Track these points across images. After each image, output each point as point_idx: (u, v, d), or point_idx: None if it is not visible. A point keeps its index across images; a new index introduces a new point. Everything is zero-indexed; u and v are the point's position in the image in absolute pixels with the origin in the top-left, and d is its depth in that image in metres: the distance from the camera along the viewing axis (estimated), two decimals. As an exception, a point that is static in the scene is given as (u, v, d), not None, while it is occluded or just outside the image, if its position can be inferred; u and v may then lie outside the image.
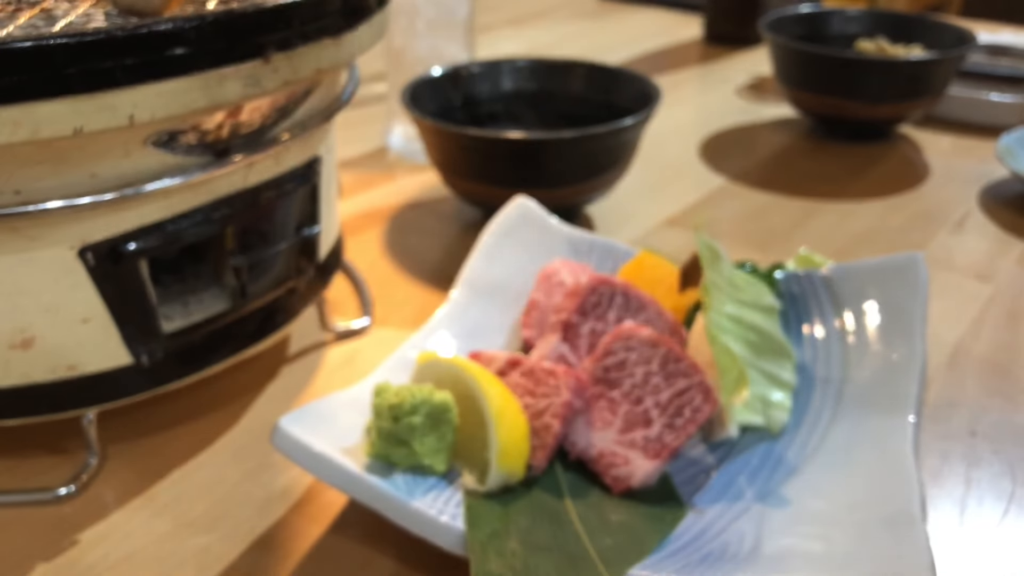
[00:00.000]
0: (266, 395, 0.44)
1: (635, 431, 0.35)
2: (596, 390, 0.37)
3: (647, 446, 0.35)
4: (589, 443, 0.36)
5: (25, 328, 0.34)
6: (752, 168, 0.70)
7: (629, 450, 0.35)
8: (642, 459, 0.35)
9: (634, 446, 0.35)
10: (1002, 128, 0.73)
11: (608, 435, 0.36)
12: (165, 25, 0.31)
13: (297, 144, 0.40)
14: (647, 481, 0.35)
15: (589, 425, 0.36)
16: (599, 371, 0.37)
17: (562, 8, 1.19)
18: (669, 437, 0.35)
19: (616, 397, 0.36)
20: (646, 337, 0.37)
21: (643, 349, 0.36)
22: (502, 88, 0.64)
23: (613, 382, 0.36)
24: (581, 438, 0.36)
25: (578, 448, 0.36)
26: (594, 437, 0.36)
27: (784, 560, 0.31)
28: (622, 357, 0.36)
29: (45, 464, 0.39)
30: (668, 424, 0.35)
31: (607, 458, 0.35)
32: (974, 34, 0.72)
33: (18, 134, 0.29)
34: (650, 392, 0.36)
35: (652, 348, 0.36)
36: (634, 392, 0.36)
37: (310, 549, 0.35)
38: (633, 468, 0.35)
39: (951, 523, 0.36)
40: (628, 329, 0.37)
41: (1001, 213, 0.63)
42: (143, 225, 0.35)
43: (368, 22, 0.39)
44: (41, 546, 0.35)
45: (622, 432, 0.35)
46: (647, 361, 0.36)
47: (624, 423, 0.36)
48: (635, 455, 0.35)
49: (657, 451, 0.35)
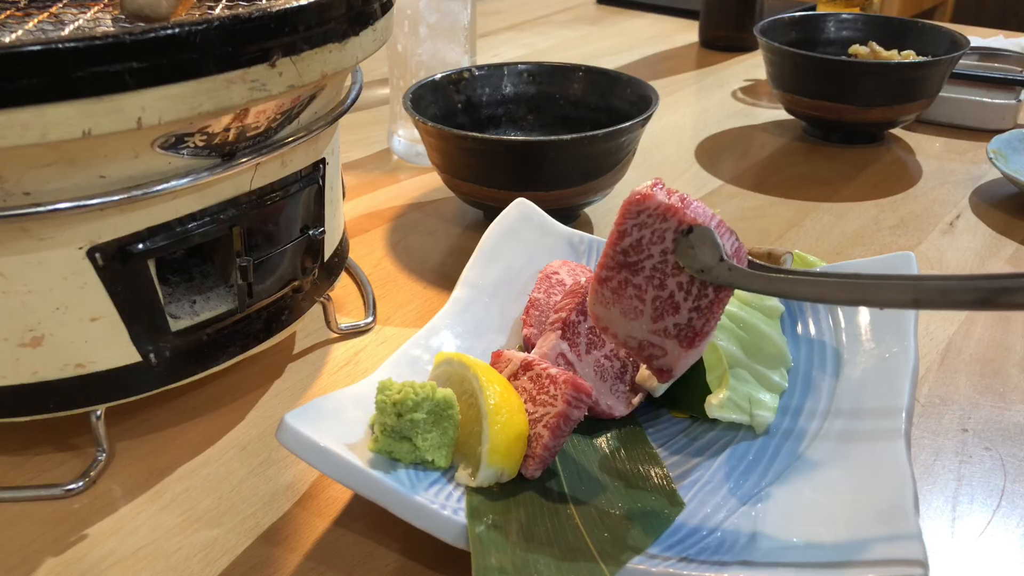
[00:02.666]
0: (272, 392, 0.44)
1: (666, 318, 0.35)
2: (620, 277, 0.35)
3: (680, 334, 0.35)
4: (628, 334, 0.35)
5: (35, 326, 0.35)
6: (747, 170, 0.71)
7: (665, 339, 0.35)
8: (678, 348, 0.35)
9: (668, 335, 0.35)
10: (993, 131, 0.74)
11: (642, 325, 0.35)
12: (172, 30, 0.31)
13: (303, 147, 0.40)
14: (686, 367, 0.36)
15: (624, 315, 0.35)
16: (617, 257, 0.35)
17: (562, 14, 1.20)
18: (699, 322, 0.34)
19: (640, 283, 0.35)
20: (656, 207, 0.34)
21: (655, 224, 0.34)
22: (503, 92, 0.65)
23: (634, 266, 0.35)
24: (620, 328, 0.36)
25: (619, 339, 0.36)
26: (631, 327, 0.35)
27: (779, 554, 0.31)
28: (636, 237, 0.35)
29: (54, 460, 0.40)
30: (695, 308, 0.34)
31: (647, 349, 0.35)
32: (967, 39, 0.73)
33: (28, 136, 0.30)
34: (671, 272, 0.34)
35: (663, 221, 0.34)
36: (656, 275, 0.35)
37: (315, 543, 0.35)
38: (671, 359, 0.35)
39: (943, 518, 0.37)
40: (637, 200, 0.34)
41: (992, 214, 0.64)
42: (151, 226, 0.35)
43: (372, 27, 0.40)
44: (50, 540, 0.35)
45: (655, 320, 0.35)
46: (661, 238, 0.34)
47: (654, 311, 0.35)
48: (671, 344, 0.35)
49: (691, 339, 0.35)
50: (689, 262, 0.34)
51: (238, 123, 0.36)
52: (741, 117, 0.82)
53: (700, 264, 0.34)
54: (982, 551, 0.35)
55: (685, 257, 0.34)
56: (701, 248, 0.34)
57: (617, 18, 1.18)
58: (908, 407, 0.36)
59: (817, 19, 0.82)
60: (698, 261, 0.34)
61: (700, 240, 0.33)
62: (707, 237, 0.33)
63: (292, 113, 0.39)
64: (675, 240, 0.34)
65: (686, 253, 0.34)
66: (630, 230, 0.34)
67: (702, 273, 0.34)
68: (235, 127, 0.36)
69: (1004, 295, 0.27)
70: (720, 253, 0.33)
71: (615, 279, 0.35)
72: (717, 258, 0.33)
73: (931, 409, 0.43)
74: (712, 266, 0.34)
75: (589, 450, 0.38)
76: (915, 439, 0.41)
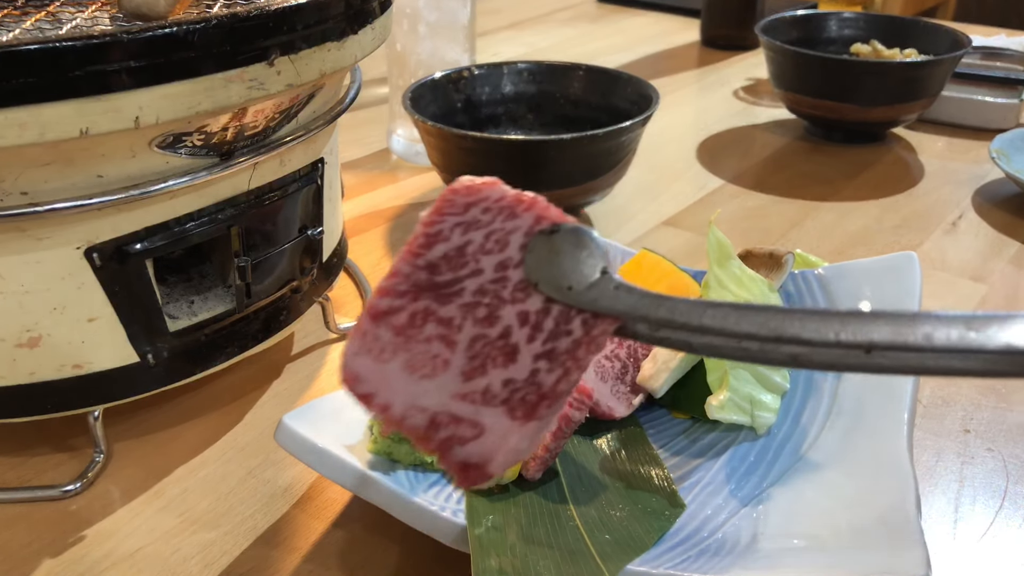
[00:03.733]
0: (270, 393, 0.44)
1: (490, 372, 0.22)
2: (416, 307, 0.23)
3: (513, 398, 0.22)
4: (412, 403, 0.22)
5: (32, 327, 0.35)
6: (749, 170, 0.71)
7: (483, 408, 0.22)
8: (506, 421, 0.22)
9: (490, 400, 0.22)
10: (996, 130, 0.74)
11: (443, 386, 0.22)
12: (170, 29, 0.31)
13: (301, 146, 0.40)
14: (516, 459, 0.22)
15: (410, 370, 0.22)
16: (417, 276, 0.23)
17: (562, 12, 1.20)
18: (550, 378, 0.22)
19: (452, 316, 0.23)
20: (500, 198, 0.23)
21: (495, 222, 0.23)
22: (502, 91, 0.65)
23: (444, 289, 0.23)
24: (397, 394, 0.22)
25: (391, 413, 0.23)
26: (420, 392, 0.22)
27: (780, 556, 0.31)
28: (458, 243, 0.23)
29: (52, 461, 0.39)
30: (545, 353, 0.22)
31: (444, 428, 0.22)
32: (969, 38, 0.73)
33: (25, 136, 0.30)
34: (511, 297, 0.22)
35: (510, 218, 0.23)
36: (482, 303, 0.23)
37: (313, 545, 0.35)
38: (490, 442, 0.22)
39: (945, 520, 0.37)
40: (466, 189, 0.24)
41: (994, 214, 0.63)
42: (149, 226, 0.35)
43: (371, 26, 0.40)
44: (48, 542, 0.35)
45: (468, 377, 0.22)
46: (502, 244, 0.23)
47: (469, 360, 0.22)
48: (494, 417, 0.22)
49: (532, 405, 0.21)
50: (549, 277, 0.23)
51: (236, 122, 0.36)
52: (742, 116, 0.82)
53: (568, 280, 0.22)
54: (984, 553, 0.35)
55: (542, 270, 0.23)
56: (572, 255, 0.23)
57: (617, 16, 1.18)
58: (910, 408, 0.36)
59: (819, 18, 0.82)
60: (565, 275, 0.22)
61: (571, 242, 0.23)
62: (582, 238, 0.23)
63: (290, 112, 0.39)
64: (525, 247, 0.23)
65: (545, 263, 0.23)
66: (448, 232, 0.23)
67: (569, 294, 0.22)
68: (233, 126, 0.36)
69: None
70: (604, 262, 0.23)
71: (406, 311, 0.23)
72: (598, 269, 0.23)
73: (933, 410, 0.43)
74: (588, 283, 0.22)
75: (589, 451, 0.38)
76: (917, 440, 0.40)
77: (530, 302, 0.23)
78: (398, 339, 0.23)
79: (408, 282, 0.23)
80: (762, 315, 0.21)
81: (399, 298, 0.23)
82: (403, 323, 0.23)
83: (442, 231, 0.23)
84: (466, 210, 0.23)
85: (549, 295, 0.23)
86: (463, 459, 0.23)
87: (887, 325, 0.19)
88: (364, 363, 0.23)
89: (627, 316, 0.22)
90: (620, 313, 0.22)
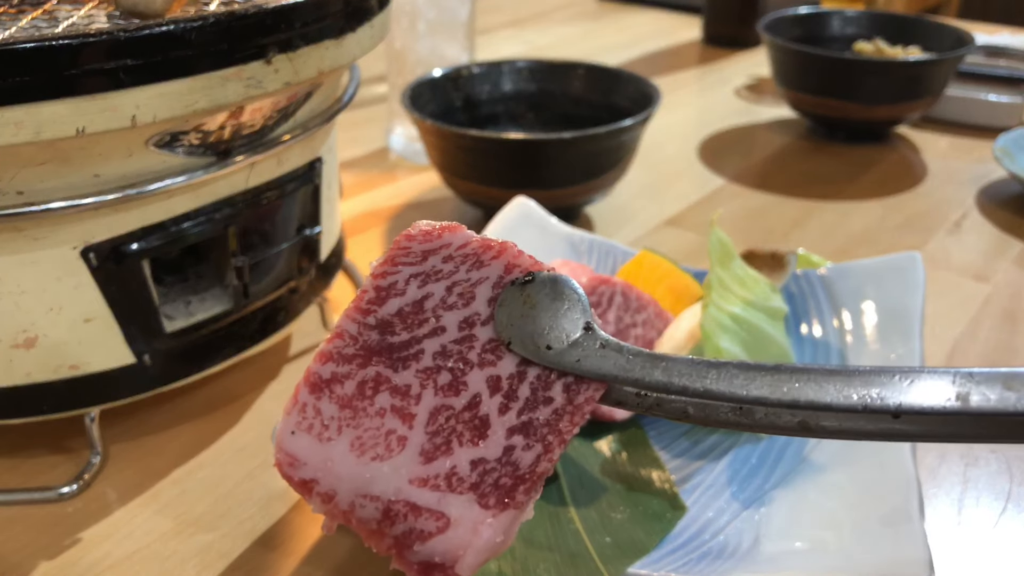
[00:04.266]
0: (268, 394, 0.44)
1: (455, 452, 0.19)
2: (365, 374, 0.20)
3: (484, 482, 0.19)
4: (361, 491, 0.19)
5: (28, 327, 0.35)
6: (751, 169, 0.71)
7: (447, 496, 0.19)
8: (475, 511, 0.18)
9: (456, 485, 0.19)
10: (1000, 129, 0.74)
11: (398, 468, 0.19)
12: (167, 27, 0.31)
13: (299, 145, 0.40)
14: (490, 556, 0.19)
15: (358, 451, 0.19)
16: (367, 336, 0.20)
17: (562, 10, 1.19)
18: (528, 456, 0.19)
19: (408, 384, 0.19)
20: (464, 243, 0.20)
21: (459, 272, 0.20)
22: (502, 89, 0.65)
23: (399, 352, 0.20)
24: (342, 480, 0.19)
25: (334, 505, 0.19)
26: (370, 477, 0.19)
27: (782, 559, 0.31)
28: (415, 297, 0.20)
29: (48, 463, 0.39)
30: (522, 426, 0.19)
31: (401, 520, 0.19)
32: (972, 36, 0.72)
33: (21, 135, 0.29)
34: (480, 360, 0.19)
35: (475, 267, 0.20)
36: (444, 367, 0.19)
37: (312, 547, 0.35)
38: (457, 536, 0.18)
39: (949, 522, 0.36)
40: (425, 235, 0.21)
41: (998, 213, 0.63)
42: (146, 225, 0.35)
43: (369, 24, 0.39)
44: (44, 544, 0.35)
45: (429, 459, 0.19)
46: (467, 298, 0.20)
47: (431, 438, 0.19)
48: (460, 505, 0.19)
49: (507, 490, 0.18)
50: (523, 335, 0.20)
51: (233, 121, 0.35)
52: (744, 115, 0.82)
53: (547, 338, 0.20)
54: (988, 555, 0.35)
55: (516, 327, 0.20)
56: (550, 308, 0.20)
57: (618, 14, 1.17)
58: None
59: (822, 15, 0.81)
60: (543, 333, 0.20)
61: (548, 294, 0.20)
62: (561, 288, 0.20)
63: (288, 111, 0.39)
64: (495, 300, 0.20)
65: (519, 319, 0.20)
66: (403, 285, 0.20)
67: (548, 355, 0.19)
68: (230, 125, 0.36)
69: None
70: (587, 317, 0.20)
71: (353, 379, 0.20)
72: (581, 325, 0.20)
73: (937, 411, 0.43)
74: (570, 340, 0.20)
75: (590, 453, 0.38)
76: (920, 442, 0.40)
77: (502, 365, 0.19)
78: (344, 413, 0.19)
79: (356, 344, 0.20)
80: (774, 376, 0.18)
81: (345, 363, 0.20)
82: (350, 394, 0.20)
83: (396, 283, 0.20)
84: (424, 259, 0.20)
85: (524, 356, 0.20)
86: (425, 559, 0.19)
87: (916, 384, 0.17)
88: (303, 443, 0.20)
89: (616, 380, 0.19)
90: (608, 376, 0.19)
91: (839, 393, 0.18)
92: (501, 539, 0.19)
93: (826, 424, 0.19)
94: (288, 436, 0.20)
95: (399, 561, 0.20)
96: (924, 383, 0.17)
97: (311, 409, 0.20)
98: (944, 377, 0.17)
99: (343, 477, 0.19)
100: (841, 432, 0.19)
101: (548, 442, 0.19)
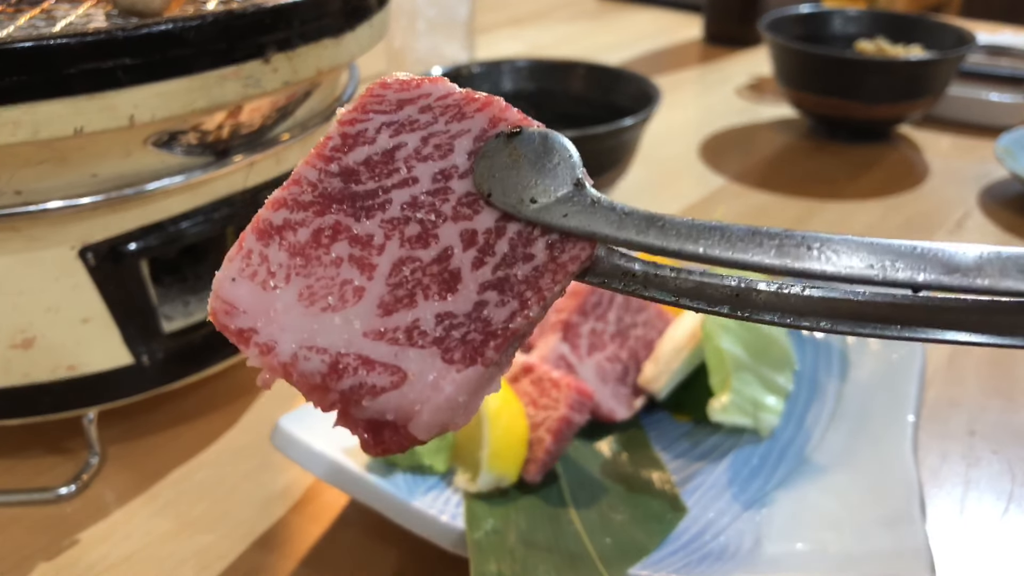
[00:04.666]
0: (266, 395, 0.44)
1: (420, 305, 0.18)
2: (324, 221, 0.18)
3: (449, 336, 0.17)
4: (308, 342, 0.18)
5: (26, 328, 0.34)
6: (752, 168, 0.70)
7: (407, 350, 0.17)
8: (440, 365, 0.17)
9: (416, 339, 0.17)
10: (1001, 128, 0.73)
11: (353, 320, 0.18)
12: (165, 26, 0.31)
13: (298, 144, 0.40)
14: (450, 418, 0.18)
15: (308, 300, 0.18)
16: (328, 183, 0.19)
17: (562, 8, 1.19)
18: (501, 313, 0.17)
19: (371, 233, 0.18)
20: (444, 95, 0.19)
21: (436, 123, 0.19)
22: (502, 88, 0.64)
23: (363, 201, 0.18)
24: (286, 330, 0.18)
25: (274, 356, 0.18)
26: (321, 327, 0.18)
27: (783, 560, 0.31)
28: (385, 146, 0.19)
29: (46, 464, 0.39)
30: (497, 282, 0.18)
31: (350, 374, 0.18)
32: (973, 34, 0.72)
33: (19, 134, 0.29)
34: (454, 213, 0.18)
35: (456, 118, 0.19)
36: (416, 217, 0.18)
37: (310, 548, 0.35)
38: (413, 393, 0.17)
39: (950, 522, 0.36)
40: (401, 85, 0.19)
41: (1000, 213, 0.63)
42: (144, 225, 0.35)
43: (368, 22, 0.39)
44: (42, 545, 0.35)
45: (388, 310, 0.18)
46: (443, 150, 0.19)
47: (393, 289, 0.18)
48: (420, 360, 0.17)
49: (476, 347, 0.17)
50: (506, 188, 0.18)
51: (232, 120, 0.35)
52: (745, 114, 0.82)
53: (532, 191, 0.18)
54: (990, 556, 0.35)
55: (497, 179, 0.18)
56: (537, 163, 0.18)
57: (619, 13, 1.17)
58: (915, 410, 0.36)
59: (823, 14, 0.81)
60: (527, 186, 0.18)
61: (536, 148, 0.19)
62: (551, 143, 0.19)
63: (287, 110, 0.38)
64: (475, 153, 0.18)
65: (501, 172, 0.18)
66: (373, 133, 0.19)
67: (532, 209, 0.18)
68: (229, 124, 0.35)
69: None
70: (578, 174, 0.19)
71: (308, 227, 0.18)
72: (571, 180, 0.18)
73: (938, 412, 0.43)
74: (558, 195, 0.18)
75: (590, 454, 0.37)
76: (922, 442, 0.40)
77: (479, 219, 0.18)
78: (295, 261, 0.18)
79: (314, 191, 0.18)
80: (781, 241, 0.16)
81: (300, 210, 0.18)
82: (303, 242, 0.18)
83: (366, 131, 0.18)
84: (399, 108, 0.19)
85: (505, 210, 0.18)
86: (375, 416, 0.17)
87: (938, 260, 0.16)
88: (244, 291, 0.18)
89: (607, 239, 0.18)
90: (598, 235, 0.17)
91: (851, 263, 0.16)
92: (464, 399, 0.17)
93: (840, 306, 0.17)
94: (227, 283, 0.19)
95: (344, 419, 0.18)
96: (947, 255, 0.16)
97: (257, 256, 0.19)
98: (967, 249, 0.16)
99: (286, 327, 0.18)
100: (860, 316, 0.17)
101: (525, 298, 0.18)
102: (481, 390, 0.18)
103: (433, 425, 0.17)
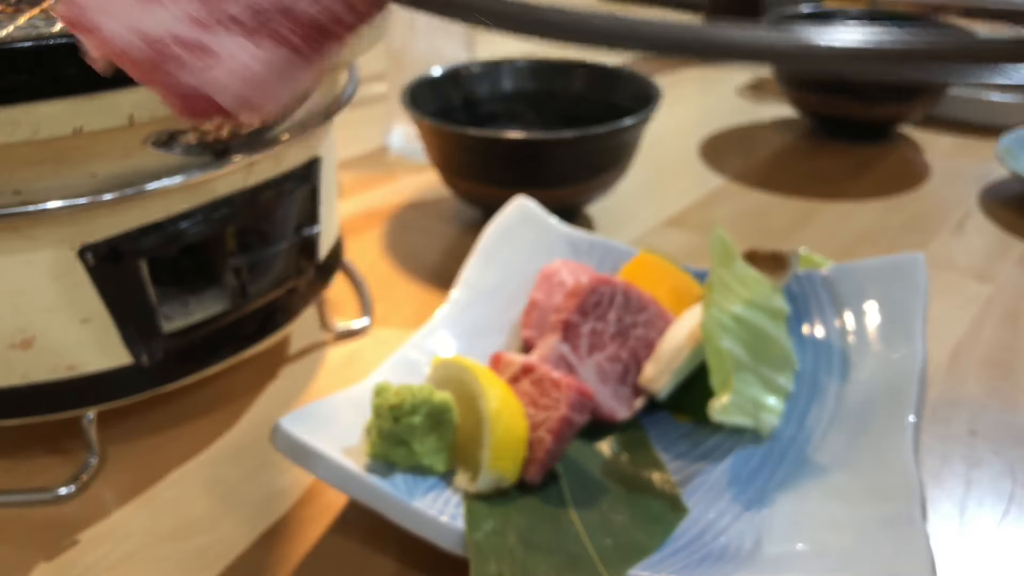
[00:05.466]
0: (266, 395, 0.44)
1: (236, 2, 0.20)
2: None
3: (262, 27, 0.21)
4: (131, 26, 0.20)
5: (25, 328, 0.34)
6: (752, 168, 0.70)
7: (219, 36, 0.20)
8: (246, 46, 0.20)
9: (230, 27, 0.20)
10: (1002, 128, 0.73)
11: (173, 12, 0.21)
12: (165, 25, 0.31)
13: (297, 144, 0.40)
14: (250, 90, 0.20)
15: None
16: None
17: (562, 8, 1.19)
18: (309, 9, 0.20)
19: None
20: None
21: None
22: (502, 88, 0.64)
23: None
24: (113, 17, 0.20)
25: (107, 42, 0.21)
26: (142, 16, 0.21)
27: (784, 561, 0.31)
28: None
29: (45, 464, 0.39)
30: None
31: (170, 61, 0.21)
32: (975, 34, 0.72)
33: (18, 134, 0.29)
34: None
35: None
36: None
37: (310, 549, 0.35)
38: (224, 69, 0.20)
39: (951, 524, 0.36)
40: None
41: (1001, 213, 0.63)
42: (143, 225, 0.35)
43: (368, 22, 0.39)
44: (41, 546, 0.35)
45: (203, 3, 0.21)
46: None
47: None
48: (231, 43, 0.20)
49: (284, 35, 0.21)
50: None
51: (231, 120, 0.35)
52: (745, 114, 0.82)
53: None
54: (990, 558, 0.35)
55: None
56: None
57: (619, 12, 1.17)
58: (916, 410, 0.36)
59: (824, 14, 0.81)
60: None
61: None
62: None
63: (286, 110, 0.38)
64: None
65: None
66: None
67: None
68: (228, 124, 0.35)
69: None
70: None
71: None
72: None
73: (939, 412, 0.43)
74: None
75: (591, 455, 0.37)
76: (923, 443, 0.40)
77: None
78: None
79: None
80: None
81: None
82: None
83: None
84: None
85: None
86: (189, 91, 0.20)
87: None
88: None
89: None
90: None
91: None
92: (269, 78, 0.20)
93: None
94: None
95: (166, 95, 0.21)
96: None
97: None
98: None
99: (117, 16, 0.21)
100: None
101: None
102: (287, 75, 0.21)
103: (239, 98, 0.21)
